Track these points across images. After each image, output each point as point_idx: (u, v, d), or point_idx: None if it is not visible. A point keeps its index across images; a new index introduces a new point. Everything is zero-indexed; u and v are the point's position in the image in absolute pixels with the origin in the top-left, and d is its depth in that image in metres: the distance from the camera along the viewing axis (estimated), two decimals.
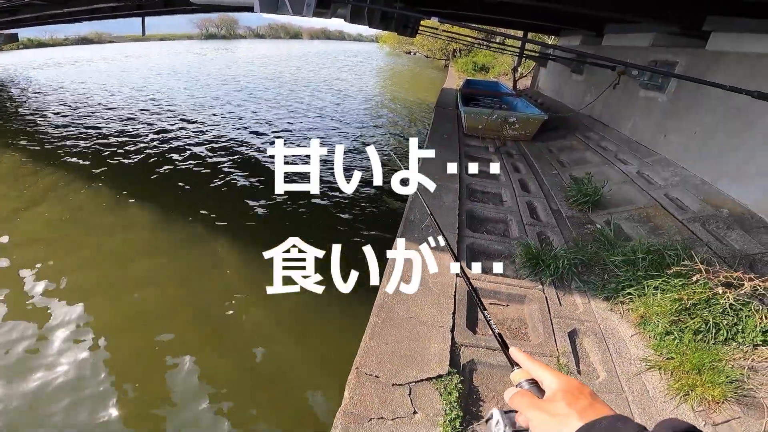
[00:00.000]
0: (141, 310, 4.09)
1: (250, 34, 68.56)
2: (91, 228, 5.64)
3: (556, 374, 0.62)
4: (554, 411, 0.56)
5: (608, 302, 2.95)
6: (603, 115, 7.78)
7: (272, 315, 4.03)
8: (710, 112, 4.92)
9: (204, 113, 12.70)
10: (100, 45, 37.55)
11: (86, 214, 6.00)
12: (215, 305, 4.18)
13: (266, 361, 3.58)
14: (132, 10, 9.99)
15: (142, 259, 4.94)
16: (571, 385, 0.59)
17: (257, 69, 25.41)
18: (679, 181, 4.81)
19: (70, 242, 5.25)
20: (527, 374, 0.66)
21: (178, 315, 4.05)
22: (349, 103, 15.55)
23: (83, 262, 4.82)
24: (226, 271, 4.75)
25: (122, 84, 17.27)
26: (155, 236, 5.50)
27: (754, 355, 2.38)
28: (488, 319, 0.87)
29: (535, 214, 4.52)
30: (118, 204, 6.32)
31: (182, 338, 3.75)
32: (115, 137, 9.68)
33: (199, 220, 5.85)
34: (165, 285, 4.47)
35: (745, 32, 4.70)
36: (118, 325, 3.90)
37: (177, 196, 6.75)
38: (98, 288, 4.39)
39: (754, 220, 3.76)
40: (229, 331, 3.87)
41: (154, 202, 6.38)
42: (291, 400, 3.24)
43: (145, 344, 3.68)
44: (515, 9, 8.38)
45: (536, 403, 0.59)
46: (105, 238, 5.38)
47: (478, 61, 24.07)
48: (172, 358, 3.53)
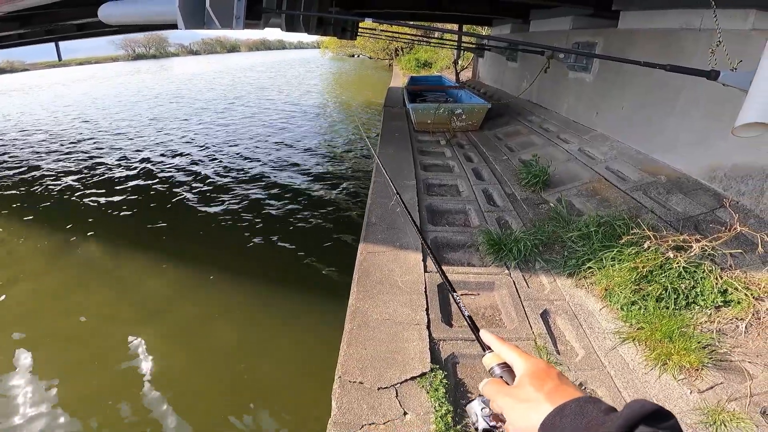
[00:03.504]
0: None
1: (182, 51, 65.93)
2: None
3: (523, 356, 0.63)
4: (522, 397, 0.56)
5: (572, 278, 3.06)
6: (541, 99, 8.13)
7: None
8: (633, 88, 5.25)
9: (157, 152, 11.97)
10: (11, 74, 34.76)
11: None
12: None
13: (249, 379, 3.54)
14: (41, 36, 9.32)
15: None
16: (538, 367, 0.59)
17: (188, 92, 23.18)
18: (617, 154, 5.10)
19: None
20: (499, 357, 0.67)
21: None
22: (297, 120, 14.79)
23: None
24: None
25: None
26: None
27: (719, 317, 2.49)
28: (458, 301, 0.86)
29: (491, 200, 4.64)
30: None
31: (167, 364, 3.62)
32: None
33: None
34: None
35: (649, 9, 5.02)
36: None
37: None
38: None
39: (691, 183, 4.05)
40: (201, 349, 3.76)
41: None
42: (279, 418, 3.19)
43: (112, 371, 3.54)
44: (448, 2, 8.60)
45: (505, 390, 0.60)
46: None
47: (420, 58, 24.50)
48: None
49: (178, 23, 4.19)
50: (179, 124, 14.27)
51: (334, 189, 7.82)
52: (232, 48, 77.69)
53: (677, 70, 2.26)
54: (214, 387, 3.46)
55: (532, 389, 0.56)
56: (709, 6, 2.28)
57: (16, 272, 5.18)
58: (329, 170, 9.08)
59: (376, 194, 4.55)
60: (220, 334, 4.05)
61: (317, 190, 7.78)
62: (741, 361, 2.27)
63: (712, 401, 2.07)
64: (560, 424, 0.50)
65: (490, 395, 0.62)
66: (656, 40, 4.89)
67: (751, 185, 3.48)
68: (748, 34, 3.62)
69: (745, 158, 3.60)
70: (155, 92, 22.72)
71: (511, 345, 0.66)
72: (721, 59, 2.29)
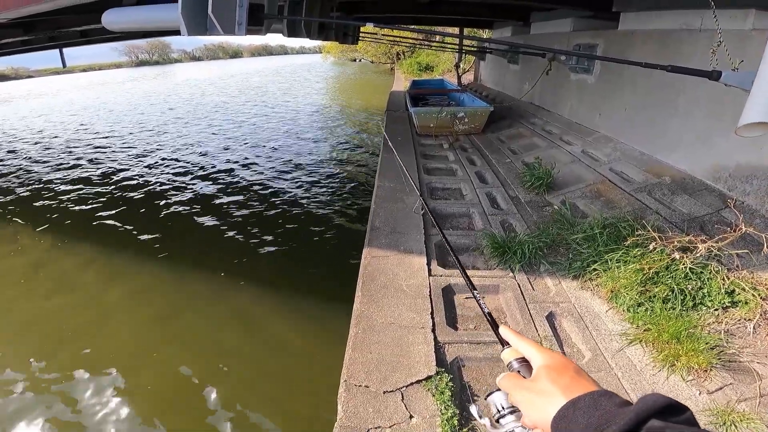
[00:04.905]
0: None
1: (185, 57, 66.39)
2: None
3: (541, 350, 0.63)
4: (538, 389, 0.57)
5: (578, 281, 3.04)
6: (544, 101, 8.13)
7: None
8: (634, 89, 5.25)
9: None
10: (17, 81, 35.03)
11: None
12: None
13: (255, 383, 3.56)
14: (45, 43, 9.41)
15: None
16: (555, 360, 0.60)
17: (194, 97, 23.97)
18: (620, 156, 5.09)
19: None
20: (517, 352, 0.67)
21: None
22: (302, 122, 15.09)
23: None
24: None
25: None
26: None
27: (726, 317, 2.48)
28: (477, 298, 0.86)
29: (495, 203, 4.63)
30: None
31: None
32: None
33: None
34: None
35: (646, 10, 5.02)
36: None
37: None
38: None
39: (695, 183, 4.04)
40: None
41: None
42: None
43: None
44: (448, 6, 8.62)
45: (521, 383, 0.60)
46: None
47: (422, 61, 24.54)
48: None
49: (181, 30, 4.21)
50: (195, 129, 14.47)
51: (336, 193, 7.84)
52: (235, 53, 78.22)
53: (679, 70, 2.25)
54: (220, 392, 3.47)
55: (548, 382, 0.56)
56: (709, 6, 2.26)
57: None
58: (334, 173, 9.11)
59: (380, 198, 4.55)
60: (227, 339, 4.06)
61: (319, 195, 7.80)
62: (750, 362, 2.25)
63: (722, 402, 2.06)
64: (573, 417, 0.50)
65: (507, 388, 0.62)
66: (656, 41, 4.89)
67: (756, 185, 3.47)
68: (749, 34, 3.62)
69: (749, 158, 3.59)
70: (165, 97, 23.18)
71: (529, 340, 0.67)
72: (722, 59, 2.29)
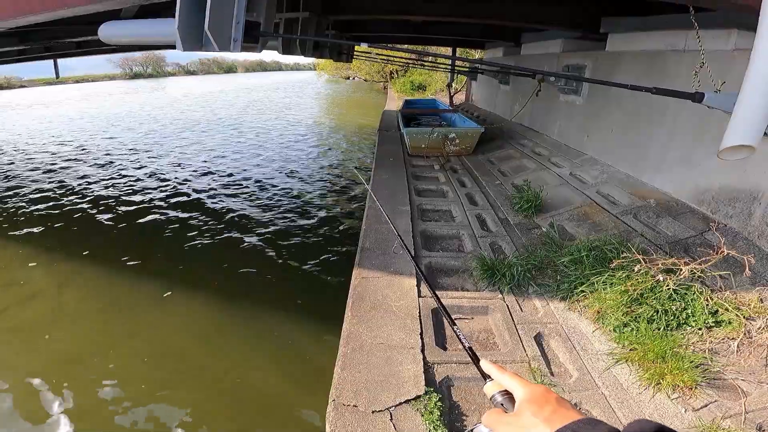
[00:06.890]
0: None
1: (180, 71, 66.44)
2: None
3: (522, 383, 0.64)
4: (521, 425, 0.57)
5: (565, 302, 3.08)
6: (533, 122, 8.28)
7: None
8: (621, 111, 5.36)
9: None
10: (9, 90, 34.67)
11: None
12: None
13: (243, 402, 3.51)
14: (40, 53, 9.43)
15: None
16: (536, 393, 0.60)
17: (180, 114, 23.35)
18: (607, 178, 5.19)
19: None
20: (499, 385, 0.68)
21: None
22: (294, 142, 14.97)
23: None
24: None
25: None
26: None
27: (710, 337, 2.52)
28: (458, 334, 0.87)
29: (485, 225, 4.68)
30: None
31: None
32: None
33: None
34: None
35: (633, 31, 5.16)
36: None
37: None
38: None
39: (679, 206, 4.13)
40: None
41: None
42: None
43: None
44: (441, 26, 8.83)
45: (504, 419, 0.61)
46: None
47: (414, 81, 24.92)
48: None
49: (177, 45, 4.26)
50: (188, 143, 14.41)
51: (328, 212, 7.82)
52: (229, 69, 78.55)
53: (663, 92, 2.30)
54: (207, 410, 3.40)
55: (530, 415, 0.57)
56: (692, 27, 2.35)
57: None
58: (325, 193, 9.10)
59: (370, 219, 4.57)
60: (214, 356, 4.00)
61: (311, 214, 7.76)
62: (734, 379, 2.29)
63: (707, 419, 2.08)
64: None
65: (490, 425, 0.63)
66: (642, 61, 5.00)
67: (738, 208, 3.54)
68: (731, 54, 3.69)
69: (732, 181, 3.64)
70: (163, 112, 23.05)
71: (510, 373, 0.68)
72: (705, 80, 2.35)
